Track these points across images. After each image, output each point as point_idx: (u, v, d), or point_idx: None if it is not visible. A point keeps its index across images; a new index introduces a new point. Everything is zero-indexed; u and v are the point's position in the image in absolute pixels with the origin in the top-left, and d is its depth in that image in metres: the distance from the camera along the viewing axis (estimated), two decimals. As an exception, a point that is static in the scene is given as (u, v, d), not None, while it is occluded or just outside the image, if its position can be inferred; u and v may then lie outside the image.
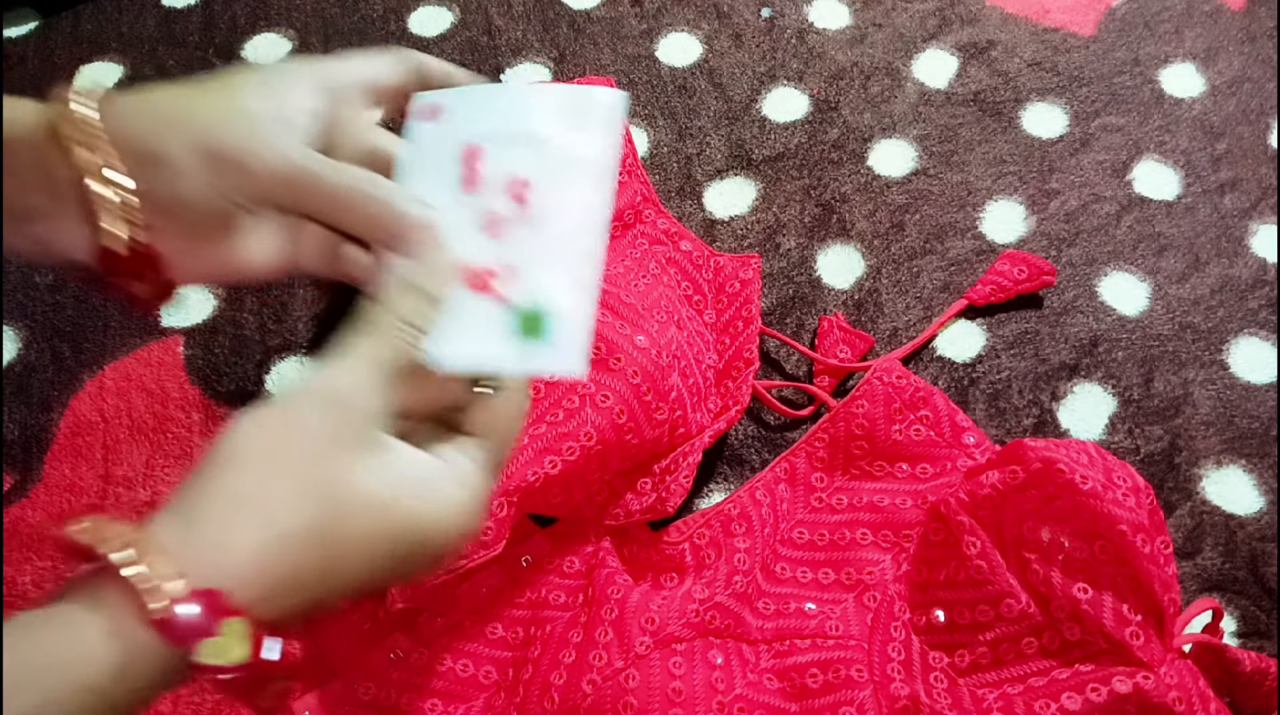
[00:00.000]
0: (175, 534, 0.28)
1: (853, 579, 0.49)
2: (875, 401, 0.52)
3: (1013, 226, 0.63)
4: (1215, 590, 0.51)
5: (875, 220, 0.63)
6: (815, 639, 0.47)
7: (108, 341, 0.60)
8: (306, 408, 0.31)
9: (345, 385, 0.31)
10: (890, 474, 0.51)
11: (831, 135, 0.67)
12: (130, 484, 0.55)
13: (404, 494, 0.31)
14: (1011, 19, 0.72)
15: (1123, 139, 0.66)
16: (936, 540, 0.48)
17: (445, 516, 0.32)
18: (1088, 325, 0.59)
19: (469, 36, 0.72)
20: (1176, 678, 0.42)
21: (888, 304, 0.60)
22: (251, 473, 0.30)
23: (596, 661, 0.45)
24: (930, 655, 0.46)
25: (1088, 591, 0.43)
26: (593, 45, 0.71)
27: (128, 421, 0.57)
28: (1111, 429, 0.56)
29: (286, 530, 0.29)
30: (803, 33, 0.71)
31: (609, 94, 0.38)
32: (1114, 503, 0.43)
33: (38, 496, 0.55)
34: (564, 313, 0.35)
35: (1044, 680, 0.44)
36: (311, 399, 0.31)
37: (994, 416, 0.56)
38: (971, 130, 0.67)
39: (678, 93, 0.69)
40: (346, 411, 0.31)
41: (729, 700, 0.44)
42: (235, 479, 0.29)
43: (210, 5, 0.74)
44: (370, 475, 0.31)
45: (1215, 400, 0.56)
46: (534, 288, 0.36)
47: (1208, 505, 0.53)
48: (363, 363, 0.32)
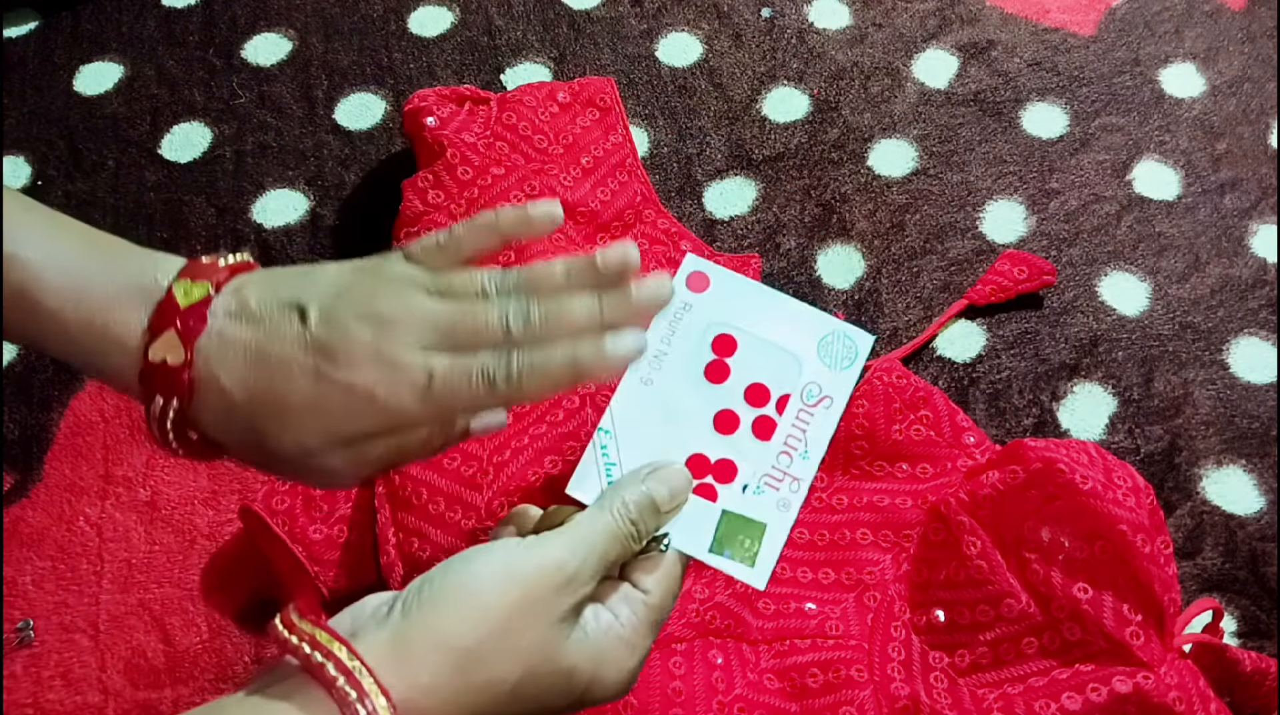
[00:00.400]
0: (392, 665, 0.30)
1: (853, 579, 0.49)
2: (875, 401, 0.52)
3: (1013, 226, 0.63)
4: (1215, 590, 0.51)
5: (875, 220, 0.63)
6: (815, 639, 0.47)
7: (108, 341, 0.59)
8: (538, 578, 0.33)
9: (579, 570, 0.34)
10: (890, 474, 0.51)
11: (831, 135, 0.67)
12: (130, 484, 0.55)
13: (588, 663, 0.34)
14: (1011, 19, 0.72)
15: (1123, 139, 0.66)
16: (937, 540, 0.48)
17: (614, 683, 0.35)
18: (1088, 325, 0.59)
19: (469, 36, 0.72)
20: (1176, 678, 0.42)
21: (888, 304, 0.60)
22: (474, 624, 0.32)
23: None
24: (930, 655, 0.46)
25: (1088, 591, 0.43)
26: (593, 45, 0.71)
27: (128, 421, 0.57)
28: (1111, 429, 0.56)
29: (492, 683, 0.32)
30: (803, 33, 0.71)
31: (865, 339, 0.40)
32: (1114, 503, 0.43)
33: (38, 496, 0.55)
34: (769, 531, 0.38)
35: (1044, 680, 0.44)
36: (544, 571, 0.33)
37: (994, 416, 0.56)
38: (971, 130, 0.67)
39: (678, 93, 0.69)
40: (570, 594, 0.33)
41: (729, 700, 0.44)
42: (458, 626, 0.32)
43: (210, 5, 0.74)
44: (572, 650, 0.33)
45: (1215, 400, 0.56)
46: (747, 495, 0.38)
47: (1208, 505, 0.53)
48: (595, 555, 0.34)
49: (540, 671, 0.33)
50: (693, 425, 0.39)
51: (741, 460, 0.39)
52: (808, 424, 0.39)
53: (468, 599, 0.32)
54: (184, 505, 0.54)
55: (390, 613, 0.32)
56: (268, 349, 0.34)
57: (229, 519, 0.54)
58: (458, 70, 0.71)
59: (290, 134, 0.68)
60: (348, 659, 0.30)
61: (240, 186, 0.66)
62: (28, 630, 0.51)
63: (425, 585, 0.33)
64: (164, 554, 0.53)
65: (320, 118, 0.69)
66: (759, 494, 0.38)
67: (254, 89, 0.70)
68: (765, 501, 0.38)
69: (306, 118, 0.68)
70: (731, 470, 0.39)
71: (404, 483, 0.49)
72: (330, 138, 0.68)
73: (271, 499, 0.50)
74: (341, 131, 0.68)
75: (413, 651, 0.31)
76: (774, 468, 0.39)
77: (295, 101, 0.69)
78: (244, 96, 0.70)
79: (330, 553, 0.49)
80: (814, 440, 0.39)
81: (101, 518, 0.54)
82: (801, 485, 0.39)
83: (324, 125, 0.68)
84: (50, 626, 0.51)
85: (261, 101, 0.69)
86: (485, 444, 0.50)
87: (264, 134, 0.68)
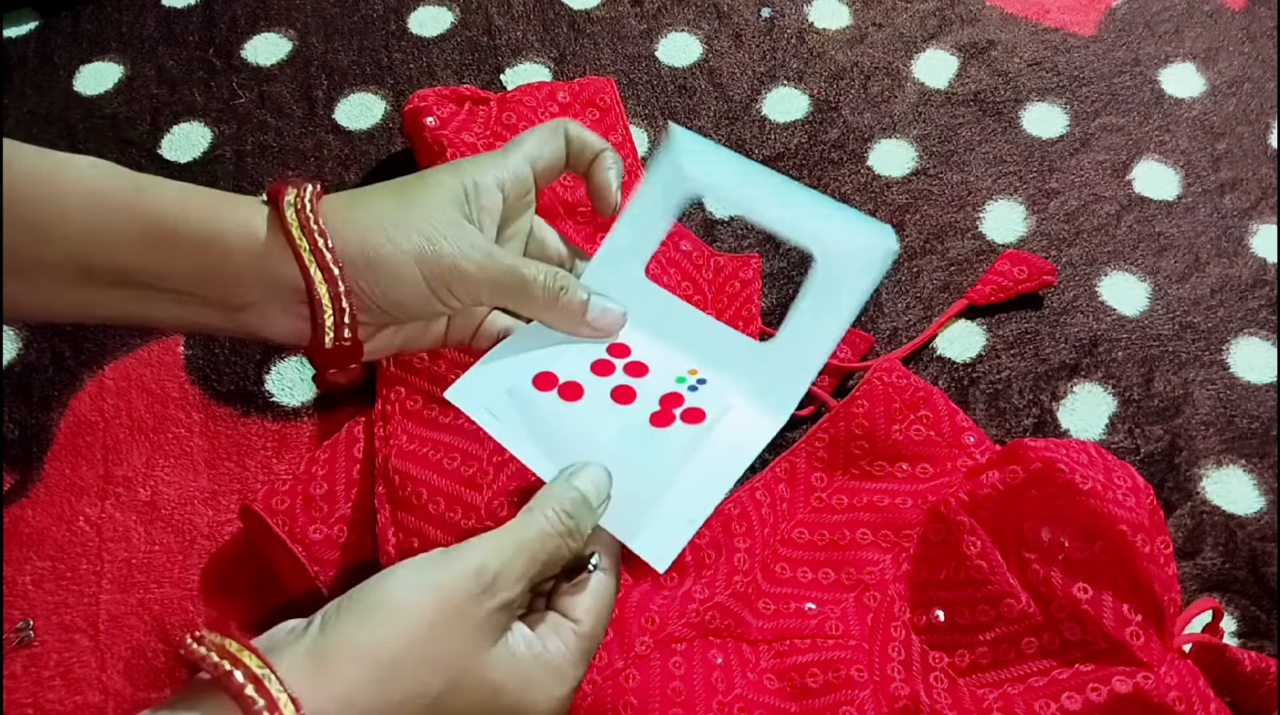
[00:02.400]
0: (307, 676, 0.30)
1: (853, 579, 0.49)
2: (875, 401, 0.52)
3: (1013, 226, 0.63)
4: (1215, 590, 0.51)
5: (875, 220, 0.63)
6: (815, 639, 0.47)
7: (108, 341, 0.60)
8: (458, 584, 0.32)
9: (500, 572, 0.33)
10: (890, 474, 0.51)
11: (831, 135, 0.67)
12: (130, 484, 0.55)
13: (515, 684, 0.33)
14: (1011, 19, 0.72)
15: (1123, 139, 0.66)
16: (936, 540, 0.48)
17: (543, 710, 0.34)
18: (1088, 325, 0.59)
19: (469, 36, 0.72)
20: (1176, 678, 0.42)
21: (888, 304, 0.60)
22: (392, 633, 0.31)
23: (597, 661, 0.45)
24: (930, 655, 0.46)
25: (1088, 591, 0.43)
26: (593, 45, 0.71)
27: (128, 421, 0.57)
28: (1111, 429, 0.56)
29: (412, 696, 0.31)
30: (803, 33, 0.71)
31: (886, 238, 0.38)
32: (1114, 503, 0.43)
33: (38, 496, 0.55)
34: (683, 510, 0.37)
35: (1044, 680, 0.44)
36: (463, 576, 0.32)
37: (994, 416, 0.56)
38: (971, 130, 0.67)
39: (678, 93, 0.69)
40: (495, 599, 0.32)
41: (729, 700, 0.44)
42: (374, 635, 0.31)
43: (210, 5, 0.74)
44: (496, 663, 0.32)
45: (1215, 400, 0.56)
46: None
47: (1208, 505, 0.53)
48: (521, 557, 0.33)
49: (464, 684, 0.32)
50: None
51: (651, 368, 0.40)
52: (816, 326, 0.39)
53: (386, 608, 0.31)
54: (184, 505, 0.54)
55: (309, 628, 0.31)
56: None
57: (229, 519, 0.54)
58: (458, 70, 0.71)
59: (290, 134, 0.68)
60: (257, 667, 0.29)
61: (240, 187, 0.65)
62: (28, 630, 0.51)
63: (344, 600, 0.32)
64: (164, 554, 0.53)
65: (320, 118, 0.69)
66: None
67: (254, 89, 0.70)
68: (671, 441, 0.38)
69: (306, 118, 0.69)
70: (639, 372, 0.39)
71: (404, 483, 0.49)
72: (330, 138, 0.68)
73: (271, 499, 0.50)
74: (341, 131, 0.68)
75: (328, 663, 0.30)
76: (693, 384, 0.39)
77: (295, 101, 0.69)
78: (244, 96, 0.70)
79: (330, 553, 0.49)
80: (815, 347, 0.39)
81: (101, 518, 0.54)
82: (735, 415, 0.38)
83: (324, 125, 0.68)
84: (50, 626, 0.51)
85: (261, 101, 0.69)
86: (485, 444, 0.50)
87: (264, 134, 0.68)
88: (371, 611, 0.31)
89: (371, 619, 0.31)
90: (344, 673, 0.30)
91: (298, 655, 0.30)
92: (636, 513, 0.37)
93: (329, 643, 0.30)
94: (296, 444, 0.56)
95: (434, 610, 0.31)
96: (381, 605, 0.31)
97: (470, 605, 0.32)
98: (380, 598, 0.32)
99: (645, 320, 0.43)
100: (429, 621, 0.31)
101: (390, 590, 0.32)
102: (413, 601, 0.31)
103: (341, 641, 0.30)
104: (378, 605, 0.31)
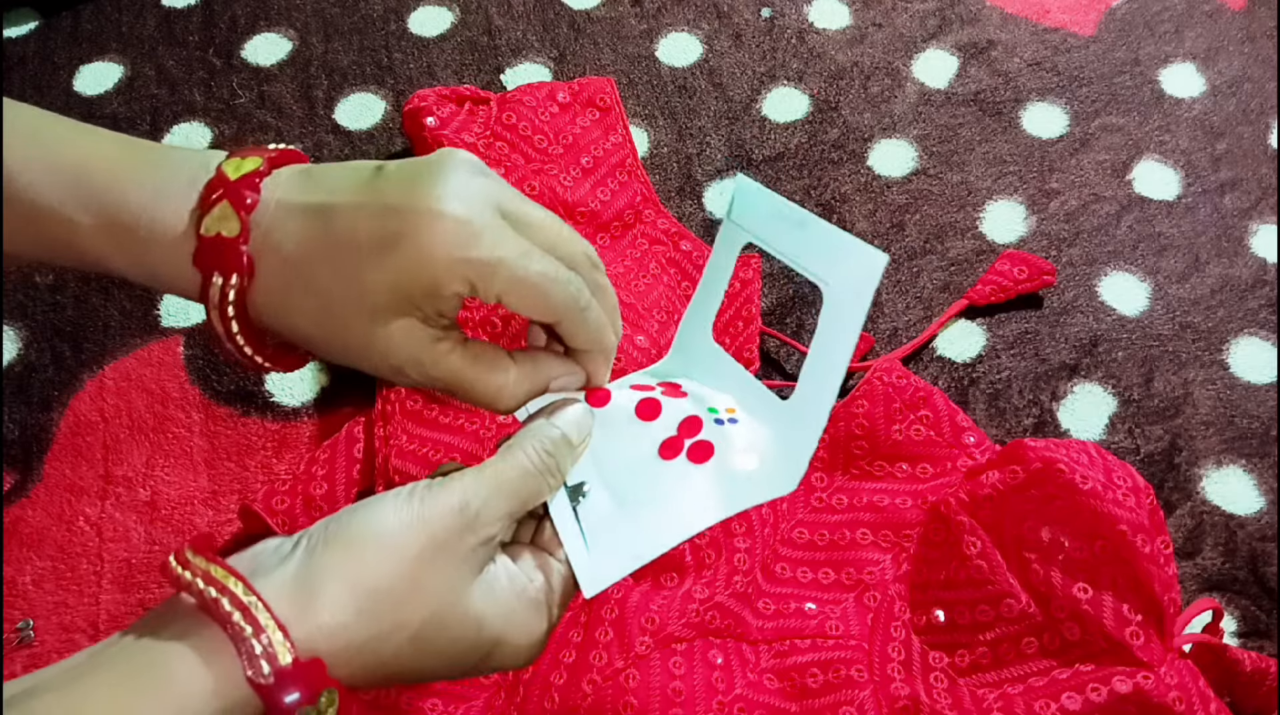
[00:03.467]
0: (292, 604, 0.29)
1: (853, 579, 0.49)
2: (875, 401, 0.52)
3: (1013, 226, 0.63)
4: (1215, 590, 0.51)
5: (875, 220, 0.63)
6: (815, 639, 0.47)
7: (108, 341, 0.60)
8: (442, 518, 0.32)
9: (481, 509, 0.32)
10: (890, 474, 0.51)
11: (831, 135, 0.67)
12: (130, 484, 0.55)
13: (497, 618, 0.33)
14: (1011, 19, 0.72)
15: (1123, 139, 0.66)
16: (936, 540, 0.48)
17: (522, 644, 0.34)
18: (1088, 325, 0.59)
19: (469, 36, 0.72)
20: (1176, 678, 0.42)
21: (888, 304, 0.60)
22: (379, 565, 0.31)
23: (597, 661, 0.45)
24: (930, 655, 0.46)
25: (1088, 591, 0.43)
26: (593, 45, 0.71)
27: (128, 421, 0.57)
28: (1111, 429, 0.56)
29: (396, 627, 0.31)
30: (803, 33, 0.71)
31: (875, 259, 0.35)
32: (1114, 503, 0.43)
33: (38, 496, 0.55)
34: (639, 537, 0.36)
35: (1044, 680, 0.44)
36: (447, 512, 0.32)
37: (994, 416, 0.56)
38: (971, 130, 0.67)
39: (678, 93, 0.69)
40: (477, 535, 0.32)
41: (729, 700, 0.44)
42: (361, 566, 0.31)
43: (210, 5, 0.74)
44: (479, 597, 0.32)
45: (1215, 400, 0.56)
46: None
47: (1208, 505, 0.53)
48: (502, 495, 0.33)
49: (447, 618, 0.31)
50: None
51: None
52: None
53: (375, 540, 0.31)
54: (184, 505, 0.54)
55: (294, 551, 0.31)
56: (335, 202, 0.32)
57: (229, 519, 0.54)
58: (458, 70, 0.71)
59: (290, 134, 0.68)
60: (244, 594, 0.29)
61: (240, 186, 0.65)
62: (28, 630, 0.51)
63: (331, 524, 0.31)
64: (164, 554, 0.53)
65: (320, 118, 0.69)
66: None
67: (254, 89, 0.70)
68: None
69: (306, 118, 0.68)
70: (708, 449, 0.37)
71: (404, 482, 0.49)
72: (330, 138, 0.68)
73: (271, 499, 0.50)
74: (341, 131, 0.68)
75: (315, 590, 0.30)
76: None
77: (295, 101, 0.69)
78: (244, 96, 0.70)
79: (330, 553, 0.49)
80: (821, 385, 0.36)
81: (101, 518, 0.54)
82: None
83: (324, 125, 0.68)
84: (50, 626, 0.51)
85: (261, 101, 0.69)
86: (485, 444, 0.50)
87: (264, 134, 0.68)
88: (359, 541, 0.31)
89: (359, 549, 0.31)
90: (331, 601, 0.30)
91: (283, 580, 0.30)
92: (594, 533, 0.36)
93: (316, 569, 0.30)
94: (296, 444, 0.56)
95: (420, 544, 0.31)
96: (369, 536, 0.31)
97: (454, 540, 0.32)
98: (367, 528, 0.31)
99: (707, 377, 0.41)
100: (415, 554, 0.31)
101: (378, 521, 0.31)
102: (400, 534, 0.31)
103: (328, 569, 0.30)
104: (365, 536, 0.31)
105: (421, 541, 0.31)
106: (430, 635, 0.31)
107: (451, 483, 0.33)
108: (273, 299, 0.34)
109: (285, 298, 0.33)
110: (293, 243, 0.33)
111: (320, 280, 0.33)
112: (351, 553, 0.31)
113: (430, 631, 0.31)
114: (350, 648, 0.30)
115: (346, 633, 0.30)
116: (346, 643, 0.30)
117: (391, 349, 0.34)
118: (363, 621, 0.30)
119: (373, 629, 0.30)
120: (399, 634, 0.31)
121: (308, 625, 0.29)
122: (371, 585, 0.30)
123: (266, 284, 0.33)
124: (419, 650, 0.31)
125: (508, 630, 0.33)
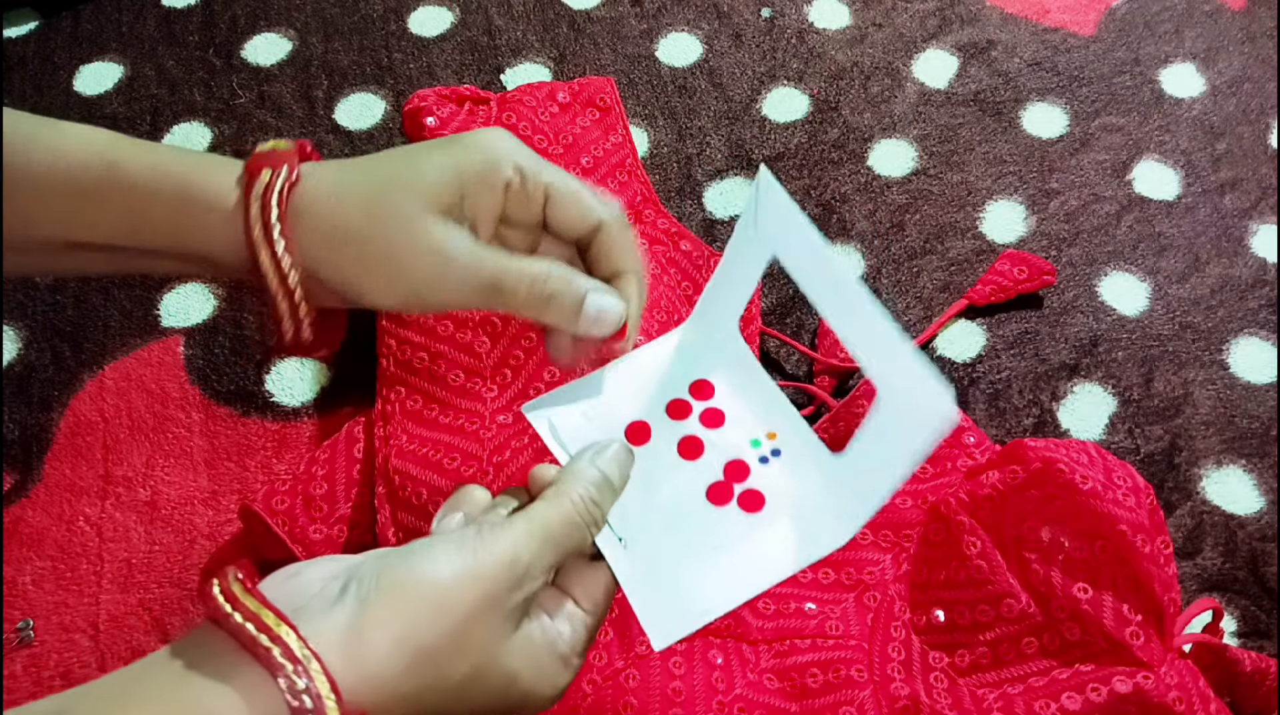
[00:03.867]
0: (343, 655, 0.30)
1: (853, 579, 0.49)
2: (875, 401, 0.52)
3: (1013, 226, 0.63)
4: (1215, 590, 0.51)
5: (875, 220, 0.63)
6: (815, 639, 0.47)
7: (108, 341, 0.60)
8: (494, 573, 0.32)
9: (531, 564, 0.33)
10: (890, 474, 0.51)
11: (831, 135, 0.67)
12: (130, 484, 0.55)
13: (528, 671, 0.33)
14: (1011, 19, 0.72)
15: (1123, 139, 0.66)
16: (936, 540, 0.48)
17: (546, 695, 0.34)
18: (1088, 325, 0.59)
19: (469, 36, 0.72)
20: (1176, 678, 0.42)
21: (888, 304, 0.60)
22: (431, 622, 0.31)
23: (597, 661, 0.45)
24: (930, 655, 0.46)
25: (1088, 591, 0.43)
26: (593, 45, 0.71)
27: (128, 421, 0.57)
28: (1111, 429, 0.56)
29: (440, 679, 0.31)
30: (803, 33, 0.71)
31: (945, 407, 0.34)
32: (1114, 503, 0.43)
33: (38, 496, 0.55)
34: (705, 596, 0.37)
35: (1044, 680, 0.44)
36: (499, 566, 0.32)
37: (994, 416, 0.56)
38: (971, 130, 0.67)
39: (678, 93, 0.69)
40: (524, 590, 0.33)
41: (729, 700, 0.44)
42: (414, 623, 0.31)
43: (210, 5, 0.74)
44: (516, 651, 0.33)
45: (1215, 400, 0.56)
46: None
47: (1208, 505, 0.53)
48: (549, 546, 0.34)
49: (487, 670, 0.32)
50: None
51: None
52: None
53: (429, 593, 0.31)
54: (184, 505, 0.54)
55: (343, 595, 0.31)
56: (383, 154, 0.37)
57: (229, 519, 0.54)
58: (458, 70, 0.71)
59: (290, 134, 0.68)
60: (298, 648, 0.29)
61: (240, 186, 0.66)
62: (28, 630, 0.51)
63: (383, 571, 0.31)
64: (164, 554, 0.53)
65: (320, 118, 0.69)
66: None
67: (254, 89, 0.70)
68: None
69: (306, 118, 0.69)
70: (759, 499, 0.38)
71: (404, 482, 0.49)
72: (330, 138, 0.68)
73: (271, 499, 0.50)
74: (341, 131, 0.68)
75: (366, 643, 0.30)
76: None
77: (295, 101, 0.69)
78: (244, 96, 0.70)
79: (330, 553, 0.49)
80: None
81: (101, 518, 0.54)
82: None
83: (324, 125, 0.68)
84: (50, 626, 0.51)
85: (261, 101, 0.69)
86: (485, 444, 0.50)
87: (264, 134, 0.68)
88: (412, 594, 0.31)
89: (413, 602, 0.31)
90: (382, 656, 0.30)
91: (334, 630, 0.30)
92: (657, 583, 0.37)
93: (368, 622, 0.30)
94: (296, 444, 0.56)
95: (471, 600, 0.32)
96: (423, 588, 0.31)
97: (503, 595, 0.32)
98: (421, 578, 0.31)
99: (732, 375, 0.41)
100: (467, 612, 0.31)
101: (432, 571, 0.32)
102: (453, 588, 0.31)
103: (380, 623, 0.30)
104: (418, 588, 0.31)
105: (473, 597, 0.32)
106: (469, 687, 0.32)
107: (501, 532, 0.33)
108: (322, 192, 0.36)
109: (337, 189, 0.36)
110: (343, 166, 0.37)
111: (378, 169, 0.36)
112: (404, 605, 0.31)
113: (470, 684, 0.32)
114: (394, 698, 0.30)
115: (391, 685, 0.30)
116: (391, 693, 0.30)
117: (435, 243, 0.35)
118: (410, 676, 0.31)
119: (418, 682, 0.31)
120: (442, 685, 0.31)
121: (355, 677, 0.29)
122: (422, 643, 0.31)
123: (317, 179, 0.36)
124: (457, 700, 0.32)
125: (537, 683, 0.33)
